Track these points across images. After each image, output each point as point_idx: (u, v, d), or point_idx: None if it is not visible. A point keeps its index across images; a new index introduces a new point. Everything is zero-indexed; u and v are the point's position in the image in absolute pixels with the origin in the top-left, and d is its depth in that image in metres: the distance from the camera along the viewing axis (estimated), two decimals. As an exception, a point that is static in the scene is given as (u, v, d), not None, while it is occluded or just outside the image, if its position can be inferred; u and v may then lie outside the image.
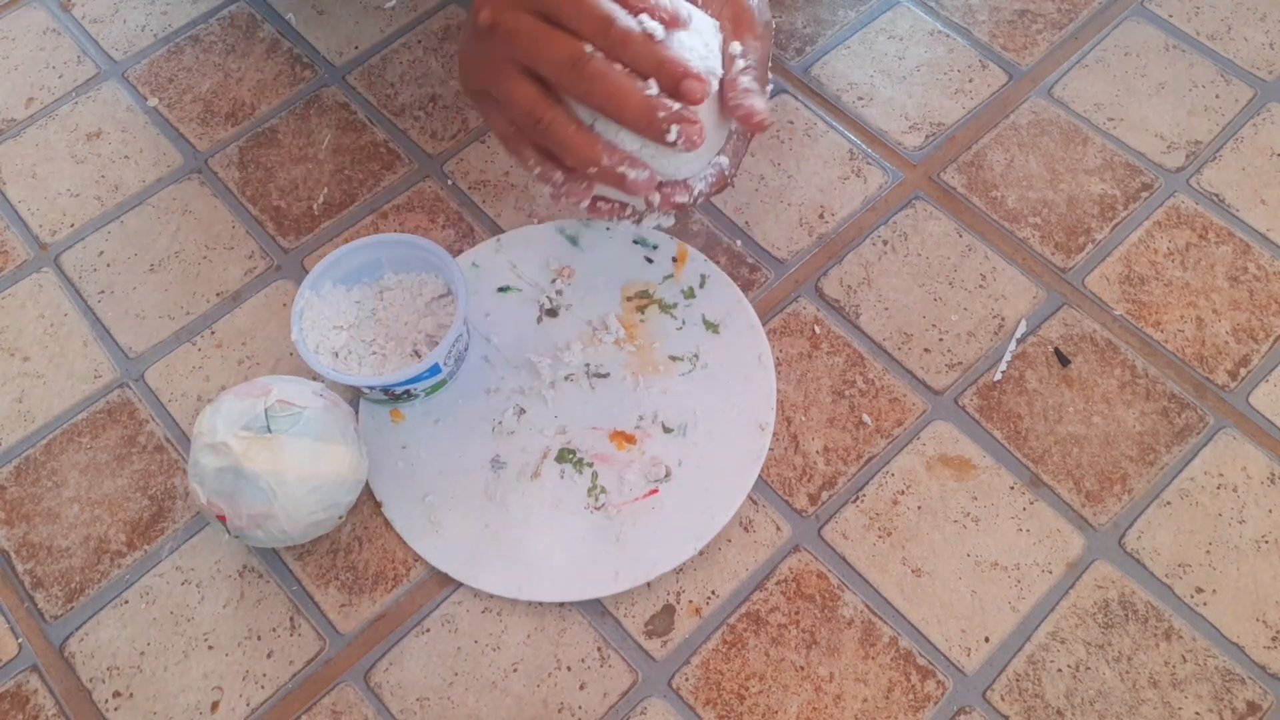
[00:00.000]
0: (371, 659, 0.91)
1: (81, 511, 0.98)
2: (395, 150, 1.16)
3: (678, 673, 0.89)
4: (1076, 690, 0.87)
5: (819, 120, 1.15)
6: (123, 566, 0.96)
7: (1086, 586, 0.91)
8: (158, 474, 0.99)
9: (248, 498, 0.85)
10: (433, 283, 1.00)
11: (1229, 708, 0.86)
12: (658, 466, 0.96)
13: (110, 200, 1.14)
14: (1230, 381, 0.99)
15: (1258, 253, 1.05)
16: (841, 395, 1.00)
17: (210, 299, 1.08)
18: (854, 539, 0.94)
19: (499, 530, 0.94)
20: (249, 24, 1.26)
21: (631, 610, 0.92)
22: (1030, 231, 1.07)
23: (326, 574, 0.94)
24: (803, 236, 1.08)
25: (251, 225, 1.12)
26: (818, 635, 0.90)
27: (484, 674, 0.90)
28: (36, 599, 0.95)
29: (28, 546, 0.97)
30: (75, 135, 1.19)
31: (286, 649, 0.92)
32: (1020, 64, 1.17)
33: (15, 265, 1.11)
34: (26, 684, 0.92)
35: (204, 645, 0.93)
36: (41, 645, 0.93)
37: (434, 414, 1.00)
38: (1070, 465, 0.96)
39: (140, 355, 1.05)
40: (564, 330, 1.03)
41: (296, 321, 0.95)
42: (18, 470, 1.00)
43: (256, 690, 0.91)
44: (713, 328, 1.02)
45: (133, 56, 1.24)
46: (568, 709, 0.89)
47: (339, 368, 0.96)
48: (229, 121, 1.19)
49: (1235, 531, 0.93)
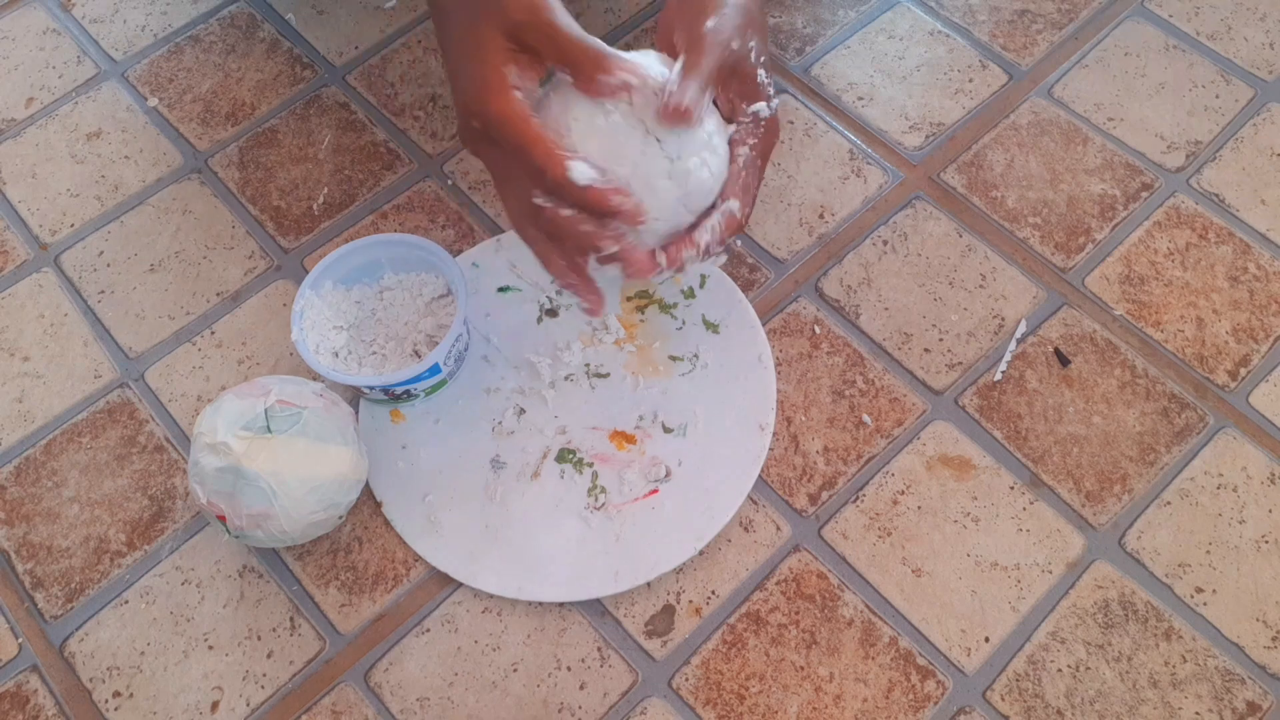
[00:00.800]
0: (371, 659, 0.91)
1: (81, 511, 0.98)
2: (395, 150, 1.16)
3: (678, 673, 0.89)
4: (1076, 690, 0.87)
5: (819, 120, 1.15)
6: (123, 566, 0.96)
7: (1086, 586, 0.91)
8: (158, 474, 0.99)
9: (248, 498, 0.85)
10: (433, 283, 1.00)
11: (1229, 708, 0.86)
12: (658, 466, 0.96)
13: (110, 200, 1.14)
14: (1230, 381, 0.99)
15: (1258, 253, 1.05)
16: (841, 395, 1.00)
17: (210, 299, 1.08)
18: (854, 539, 0.94)
19: (499, 530, 0.94)
20: (249, 24, 1.26)
21: (631, 610, 0.92)
22: (1030, 231, 1.07)
23: (326, 574, 0.94)
24: (803, 236, 1.08)
25: (251, 225, 1.12)
26: (818, 635, 0.90)
27: (484, 674, 0.90)
28: (36, 599, 0.95)
29: (28, 546, 0.97)
30: (75, 135, 1.19)
31: (286, 649, 0.92)
32: (1020, 64, 1.17)
33: (15, 265, 1.11)
34: (27, 684, 0.92)
35: (204, 645, 0.93)
36: (41, 645, 0.93)
37: (434, 414, 1.00)
38: (1070, 465, 0.96)
39: (140, 355, 1.05)
40: (564, 330, 1.03)
41: (297, 321, 0.95)
42: (18, 470, 1.00)
43: (256, 690, 0.91)
44: (713, 328, 1.02)
45: (133, 56, 1.24)
46: (568, 709, 0.89)
47: (339, 368, 0.96)
48: (229, 121, 1.19)
49: (1235, 531, 0.93)
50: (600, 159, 0.78)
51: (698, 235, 0.84)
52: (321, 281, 0.98)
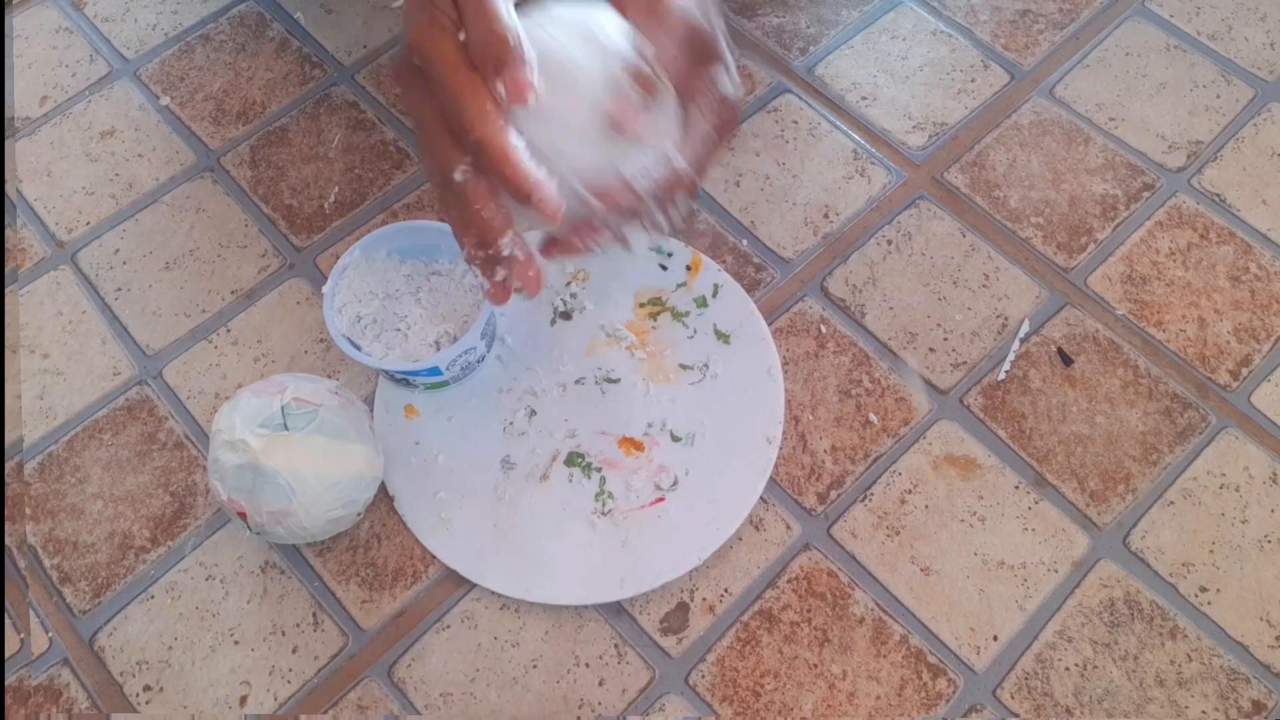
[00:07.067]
0: (394, 654, 0.92)
1: (105, 507, 0.99)
2: (405, 149, 1.16)
3: (694, 669, 0.90)
4: (1084, 689, 0.88)
5: (823, 120, 1.15)
6: (147, 562, 0.97)
7: (1092, 586, 0.92)
8: (178, 470, 1.00)
9: (267, 495, 0.85)
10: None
11: (1234, 706, 0.87)
12: (665, 475, 0.96)
13: (125, 198, 1.14)
14: (1232, 381, 1.00)
15: (1259, 252, 1.06)
16: (848, 394, 1.01)
17: (225, 296, 1.08)
18: (863, 538, 0.95)
19: (507, 530, 0.95)
20: (258, 23, 1.26)
21: (646, 607, 0.92)
22: (1033, 231, 1.07)
23: (347, 570, 0.95)
24: (808, 236, 1.08)
25: (264, 224, 1.12)
26: (830, 633, 0.91)
27: (505, 670, 0.91)
28: (64, 594, 0.95)
29: (54, 542, 0.98)
30: (89, 133, 1.19)
31: (310, 644, 0.93)
32: (1022, 64, 1.18)
33: (33, 263, 1.11)
34: (59, 678, 0.92)
35: (230, 640, 0.93)
36: (72, 640, 0.94)
37: (447, 411, 1.00)
38: (1074, 465, 0.97)
39: (158, 353, 1.06)
40: (577, 333, 1.03)
41: (334, 276, 0.95)
42: (41, 467, 1.01)
43: (283, 685, 0.91)
44: (724, 338, 1.02)
45: (144, 55, 1.24)
46: (588, 705, 0.89)
47: (354, 335, 0.96)
48: (240, 120, 1.19)
49: (1238, 531, 0.93)
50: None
51: (634, 181, 0.75)
52: (376, 247, 0.98)
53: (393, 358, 0.95)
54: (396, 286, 0.99)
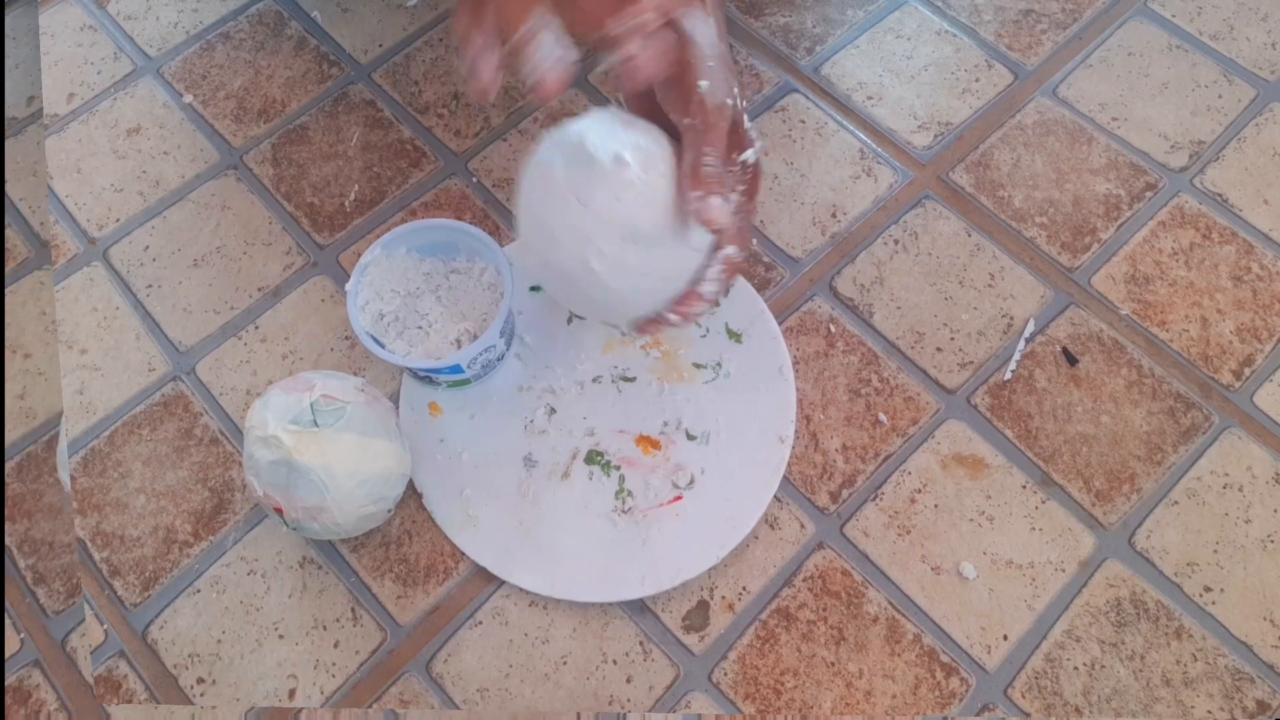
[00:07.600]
0: (431, 650, 0.93)
1: (148, 502, 1.00)
2: (421, 148, 1.16)
3: (716, 667, 0.91)
4: (1093, 688, 0.89)
5: (829, 120, 1.15)
6: (191, 556, 0.98)
7: (1099, 585, 0.93)
8: (215, 466, 1.01)
9: (301, 490, 0.86)
10: (500, 282, 0.99)
11: (1239, 706, 0.88)
12: (682, 473, 0.97)
13: (152, 195, 1.15)
14: (1235, 381, 1.00)
15: (1260, 252, 1.06)
16: (858, 394, 1.01)
17: (252, 294, 1.09)
18: (875, 536, 0.95)
19: (532, 527, 0.96)
20: (276, 21, 1.25)
21: (668, 605, 0.93)
22: (1037, 231, 1.08)
23: (381, 566, 0.96)
24: (816, 235, 1.09)
25: (288, 222, 1.12)
26: (845, 632, 0.92)
27: (536, 666, 0.92)
28: (115, 586, 0.97)
29: (101, 535, 0.99)
30: (116, 131, 1.19)
31: (351, 639, 0.94)
32: (1025, 64, 1.18)
33: (67, 259, 1.11)
34: (116, 669, 0.94)
35: (275, 634, 0.94)
36: (126, 633, 0.95)
37: (469, 409, 1.01)
38: (1080, 464, 0.97)
39: (190, 349, 1.06)
40: (593, 332, 1.03)
41: (357, 274, 0.95)
42: (85, 461, 1.01)
43: (328, 679, 0.93)
44: (736, 337, 1.02)
45: (167, 53, 1.24)
46: (617, 701, 0.90)
47: (377, 332, 0.97)
48: (261, 118, 1.19)
49: (1242, 531, 0.94)
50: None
51: (703, 288, 0.81)
52: (396, 245, 0.98)
53: (415, 355, 0.96)
54: (417, 284, 0.99)
